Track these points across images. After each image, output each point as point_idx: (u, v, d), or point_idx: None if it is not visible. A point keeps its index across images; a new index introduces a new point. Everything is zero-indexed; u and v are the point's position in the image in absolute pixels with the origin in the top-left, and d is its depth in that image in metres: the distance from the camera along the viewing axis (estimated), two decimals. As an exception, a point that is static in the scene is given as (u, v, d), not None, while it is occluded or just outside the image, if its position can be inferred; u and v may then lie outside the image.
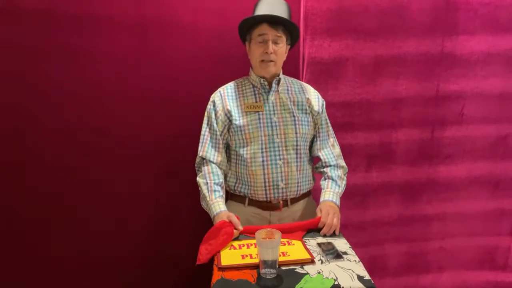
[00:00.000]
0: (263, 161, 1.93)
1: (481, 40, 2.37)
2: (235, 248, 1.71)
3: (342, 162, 2.09)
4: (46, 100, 2.17)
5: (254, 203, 1.99)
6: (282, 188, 1.96)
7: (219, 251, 1.68)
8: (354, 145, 2.45)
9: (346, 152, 2.43)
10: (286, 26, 1.91)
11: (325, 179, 2.04)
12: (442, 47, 2.36)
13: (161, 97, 2.27)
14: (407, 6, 2.29)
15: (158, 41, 2.19)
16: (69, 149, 2.24)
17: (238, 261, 1.60)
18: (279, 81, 1.99)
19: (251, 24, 1.90)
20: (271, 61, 1.91)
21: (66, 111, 2.20)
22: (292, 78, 2.10)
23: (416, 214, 2.61)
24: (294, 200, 2.02)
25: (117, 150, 2.30)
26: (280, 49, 1.91)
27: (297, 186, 1.99)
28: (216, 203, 1.88)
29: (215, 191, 1.92)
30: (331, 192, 1.97)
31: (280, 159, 1.94)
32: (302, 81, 2.31)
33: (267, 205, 1.98)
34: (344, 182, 2.07)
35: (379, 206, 2.58)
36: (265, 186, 1.95)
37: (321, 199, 1.97)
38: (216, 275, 1.53)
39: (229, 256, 1.64)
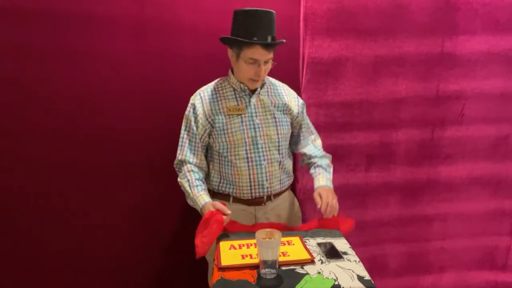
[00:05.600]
0: (248, 162, 1.96)
1: (481, 40, 2.37)
2: (235, 248, 1.71)
3: (324, 152, 2.16)
4: (46, 99, 2.17)
5: (238, 200, 2.03)
6: (267, 187, 2.00)
7: (216, 240, 1.73)
8: (354, 145, 2.45)
9: (346, 152, 2.44)
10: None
11: (314, 167, 2.10)
12: (442, 47, 2.36)
13: (160, 96, 2.27)
14: (407, 6, 2.28)
15: (158, 41, 2.19)
16: (68, 148, 2.25)
17: (238, 261, 1.60)
18: (263, 85, 2.02)
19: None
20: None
21: (65, 111, 2.20)
22: (272, 79, 2.11)
23: (416, 214, 2.61)
24: (277, 194, 2.07)
25: (116, 149, 2.30)
26: (269, 65, 1.91)
27: (280, 183, 2.05)
28: (200, 196, 1.90)
29: (197, 186, 1.93)
30: (324, 178, 2.04)
31: (264, 160, 1.97)
32: (302, 81, 2.31)
33: (252, 201, 2.02)
34: (331, 169, 2.13)
35: (379, 206, 2.58)
36: (251, 186, 1.99)
37: (316, 185, 2.02)
38: (216, 275, 1.53)
39: (229, 256, 1.64)
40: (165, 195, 2.40)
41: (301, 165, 2.21)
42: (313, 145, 2.15)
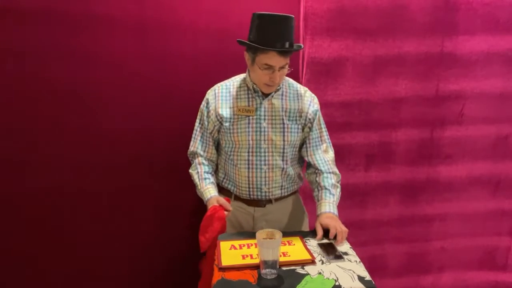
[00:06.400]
0: (248, 164, 1.95)
1: (481, 40, 2.37)
2: (235, 248, 1.71)
3: (334, 168, 2.04)
4: (46, 99, 2.16)
5: (239, 198, 2.04)
6: (265, 191, 1.99)
7: (216, 236, 1.78)
8: (354, 145, 2.45)
9: (346, 151, 2.44)
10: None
11: (318, 190, 1.99)
12: (442, 47, 2.36)
13: (161, 97, 2.26)
14: (407, 6, 2.29)
15: (158, 42, 2.18)
16: (69, 149, 2.24)
17: (239, 261, 1.61)
18: (278, 89, 1.96)
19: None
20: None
21: (65, 111, 2.20)
22: (289, 80, 2.04)
23: (416, 214, 2.61)
24: (278, 198, 2.04)
25: (117, 150, 2.29)
26: (284, 71, 1.85)
27: (281, 189, 2.02)
28: (207, 190, 1.94)
29: (205, 178, 1.98)
30: (327, 203, 1.93)
31: (265, 164, 1.95)
32: (302, 81, 2.31)
33: (251, 202, 2.03)
34: (339, 189, 2.01)
35: (379, 205, 2.59)
36: (249, 188, 1.98)
37: (318, 211, 1.93)
38: (217, 276, 1.53)
39: (230, 256, 1.64)
40: (165, 194, 2.40)
41: (306, 179, 2.12)
42: (321, 156, 2.02)
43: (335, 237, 1.79)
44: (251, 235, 1.79)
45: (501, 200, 2.63)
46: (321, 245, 1.75)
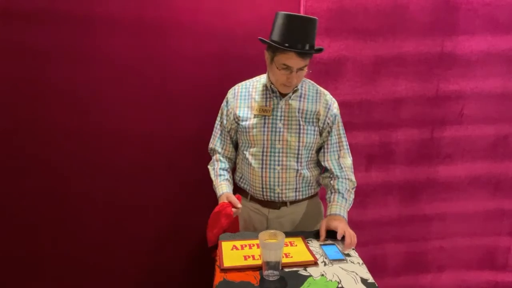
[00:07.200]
0: (262, 164, 1.94)
1: (481, 40, 2.37)
2: (237, 249, 1.71)
3: (351, 175, 2.01)
4: (46, 100, 2.16)
5: (255, 199, 2.03)
6: (278, 192, 1.97)
7: (223, 231, 1.82)
8: (354, 145, 2.44)
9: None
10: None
11: (331, 193, 1.98)
12: (442, 47, 2.37)
13: (160, 97, 2.26)
14: (407, 6, 2.29)
15: (158, 41, 2.18)
16: (69, 149, 2.24)
17: (241, 262, 1.60)
18: (296, 90, 1.93)
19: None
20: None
21: (65, 111, 2.19)
22: (310, 82, 2.02)
23: (415, 214, 2.61)
24: (294, 202, 2.02)
25: (117, 150, 2.29)
26: (303, 72, 1.83)
27: (295, 191, 1.99)
28: (220, 186, 1.97)
29: (220, 175, 2.01)
30: (338, 206, 1.92)
31: (278, 165, 1.93)
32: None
33: (266, 203, 2.01)
34: (352, 196, 2.00)
35: (379, 205, 2.59)
36: (262, 188, 1.97)
37: (327, 213, 1.93)
38: (219, 277, 1.52)
39: (232, 257, 1.63)
40: (164, 195, 2.40)
41: (321, 182, 2.09)
42: (338, 162, 2.00)
43: (342, 239, 1.77)
44: (253, 235, 1.79)
45: (501, 200, 2.64)
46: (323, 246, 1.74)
